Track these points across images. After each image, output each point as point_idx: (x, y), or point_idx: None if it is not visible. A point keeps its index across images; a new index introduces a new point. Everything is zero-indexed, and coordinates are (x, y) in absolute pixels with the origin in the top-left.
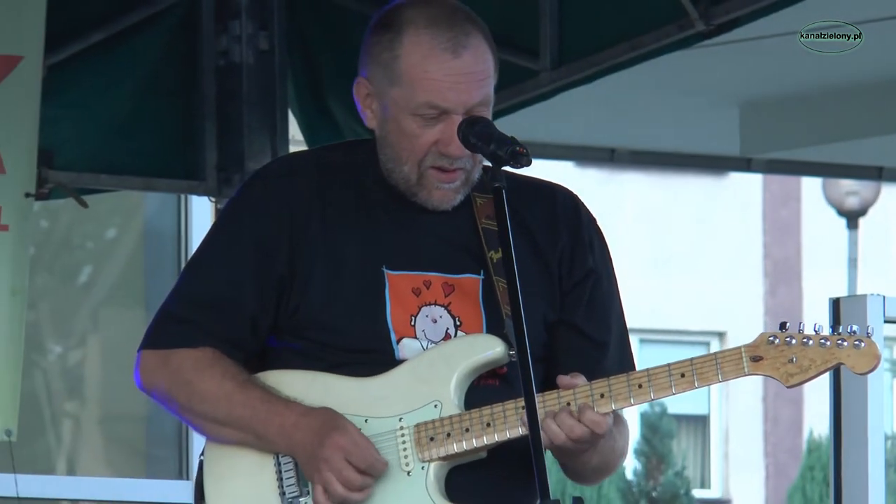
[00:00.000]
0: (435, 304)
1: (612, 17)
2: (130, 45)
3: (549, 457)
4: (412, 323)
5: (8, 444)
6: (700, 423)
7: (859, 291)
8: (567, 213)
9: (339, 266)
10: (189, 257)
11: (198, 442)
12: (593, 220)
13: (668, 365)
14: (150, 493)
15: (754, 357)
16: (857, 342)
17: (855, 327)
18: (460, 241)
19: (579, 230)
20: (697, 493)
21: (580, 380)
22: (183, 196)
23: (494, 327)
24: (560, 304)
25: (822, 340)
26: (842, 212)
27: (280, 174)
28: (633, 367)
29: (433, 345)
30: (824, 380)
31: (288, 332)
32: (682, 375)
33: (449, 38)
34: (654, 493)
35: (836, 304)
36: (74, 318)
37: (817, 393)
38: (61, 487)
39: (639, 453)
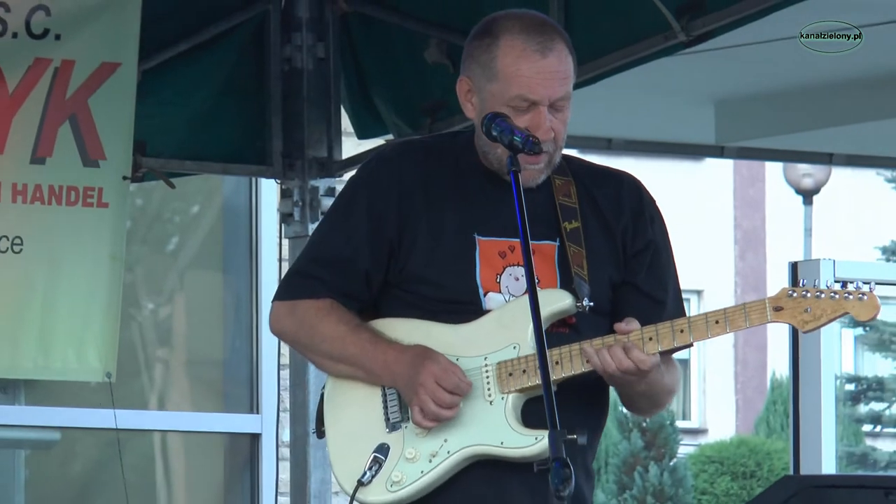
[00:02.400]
0: (517, 265)
1: (609, 30)
2: (211, 54)
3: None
4: (497, 280)
5: (108, 385)
6: (681, 365)
7: (813, 256)
8: (631, 195)
9: (438, 232)
10: (258, 230)
11: (266, 382)
12: (653, 201)
13: (706, 314)
14: (226, 424)
15: (776, 307)
16: (860, 295)
17: (860, 282)
18: (540, 213)
19: (641, 209)
20: (680, 423)
21: (634, 325)
22: (254, 179)
23: (566, 285)
24: (624, 268)
25: (832, 294)
26: (799, 190)
27: (392, 156)
28: None
29: (514, 298)
30: (785, 328)
31: (396, 286)
32: (717, 322)
33: (538, 42)
34: (644, 423)
35: (794, 266)
36: (164, 280)
37: (779, 339)
38: (153, 420)
39: None
